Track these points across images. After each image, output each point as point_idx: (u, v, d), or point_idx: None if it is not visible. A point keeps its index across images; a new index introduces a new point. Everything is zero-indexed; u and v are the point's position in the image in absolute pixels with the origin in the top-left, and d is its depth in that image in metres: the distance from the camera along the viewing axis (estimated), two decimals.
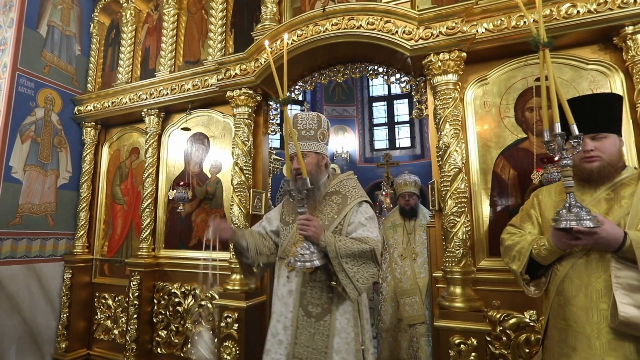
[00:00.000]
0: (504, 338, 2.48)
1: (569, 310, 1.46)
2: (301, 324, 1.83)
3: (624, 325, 1.28)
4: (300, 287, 1.89)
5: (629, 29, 2.37)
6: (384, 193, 6.34)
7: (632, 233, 1.32)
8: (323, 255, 1.70)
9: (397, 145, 10.27)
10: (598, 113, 1.50)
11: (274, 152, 3.96)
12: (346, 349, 1.81)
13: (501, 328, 2.50)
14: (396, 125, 10.47)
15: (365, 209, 1.95)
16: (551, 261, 1.54)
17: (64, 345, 4.01)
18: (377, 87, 10.85)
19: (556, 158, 1.35)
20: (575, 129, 1.27)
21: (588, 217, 1.26)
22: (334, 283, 1.78)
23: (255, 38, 3.41)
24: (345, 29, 2.94)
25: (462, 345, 2.33)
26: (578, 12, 2.46)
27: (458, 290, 2.48)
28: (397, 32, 2.79)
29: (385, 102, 10.69)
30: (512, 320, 2.48)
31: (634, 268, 1.30)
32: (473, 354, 2.31)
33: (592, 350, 1.36)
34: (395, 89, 10.37)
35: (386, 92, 10.73)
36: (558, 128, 1.25)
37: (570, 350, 1.43)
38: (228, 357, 3.04)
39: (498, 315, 2.52)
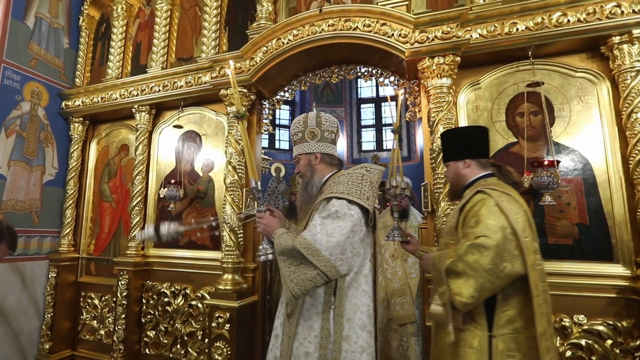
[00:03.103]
0: None
1: None
2: (284, 322, 1.84)
3: (431, 316, 1.70)
4: None
5: (616, 39, 2.45)
6: None
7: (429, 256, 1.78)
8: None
9: (385, 147, 10.35)
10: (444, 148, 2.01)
11: (263, 151, 3.95)
12: None
13: None
14: (384, 127, 10.56)
15: (329, 206, 1.71)
16: None
17: (47, 346, 3.91)
18: (366, 88, 10.91)
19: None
20: (397, 181, 1.92)
21: (397, 235, 2.00)
22: None
23: (250, 37, 3.40)
24: (341, 30, 2.96)
25: None
26: (568, 20, 2.54)
27: None
28: (393, 34, 2.83)
29: (374, 104, 10.76)
30: None
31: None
32: None
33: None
34: (383, 91, 10.45)
35: (374, 94, 10.81)
36: (392, 182, 1.93)
37: None
38: (219, 358, 3.02)
39: None
